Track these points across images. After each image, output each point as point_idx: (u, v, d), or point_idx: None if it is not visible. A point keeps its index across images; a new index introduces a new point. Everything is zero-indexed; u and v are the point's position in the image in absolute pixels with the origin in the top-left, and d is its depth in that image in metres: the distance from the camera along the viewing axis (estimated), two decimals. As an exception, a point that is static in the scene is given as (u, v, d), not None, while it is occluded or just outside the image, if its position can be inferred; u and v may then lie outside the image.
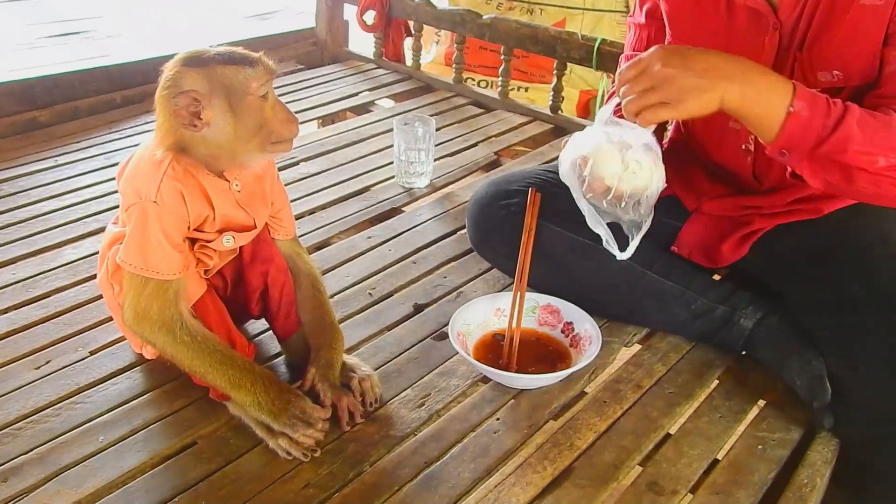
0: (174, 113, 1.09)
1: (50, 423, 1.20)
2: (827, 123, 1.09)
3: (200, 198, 1.15)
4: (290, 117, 1.15)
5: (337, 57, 3.08)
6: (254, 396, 1.14)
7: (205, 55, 1.11)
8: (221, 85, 1.09)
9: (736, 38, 1.30)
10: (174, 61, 1.11)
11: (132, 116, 2.45)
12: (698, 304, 1.40)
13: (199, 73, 1.09)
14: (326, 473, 1.12)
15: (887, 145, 1.10)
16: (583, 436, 1.21)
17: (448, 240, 1.78)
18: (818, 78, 1.23)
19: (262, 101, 1.11)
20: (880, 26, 1.17)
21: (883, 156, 1.10)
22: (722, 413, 1.28)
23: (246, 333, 1.39)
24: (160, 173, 1.12)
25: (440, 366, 1.36)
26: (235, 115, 1.10)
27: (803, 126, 1.10)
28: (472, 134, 2.40)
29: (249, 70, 1.10)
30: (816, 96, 1.11)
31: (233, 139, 1.11)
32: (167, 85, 1.10)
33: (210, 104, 1.09)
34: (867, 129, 1.09)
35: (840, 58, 1.21)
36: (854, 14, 1.18)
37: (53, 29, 3.14)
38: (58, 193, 1.95)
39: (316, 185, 2.04)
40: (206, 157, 1.14)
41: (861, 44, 1.19)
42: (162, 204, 1.12)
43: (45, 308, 1.49)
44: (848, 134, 1.09)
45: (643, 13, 1.48)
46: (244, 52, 1.13)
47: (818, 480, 1.16)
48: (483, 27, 2.59)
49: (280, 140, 1.14)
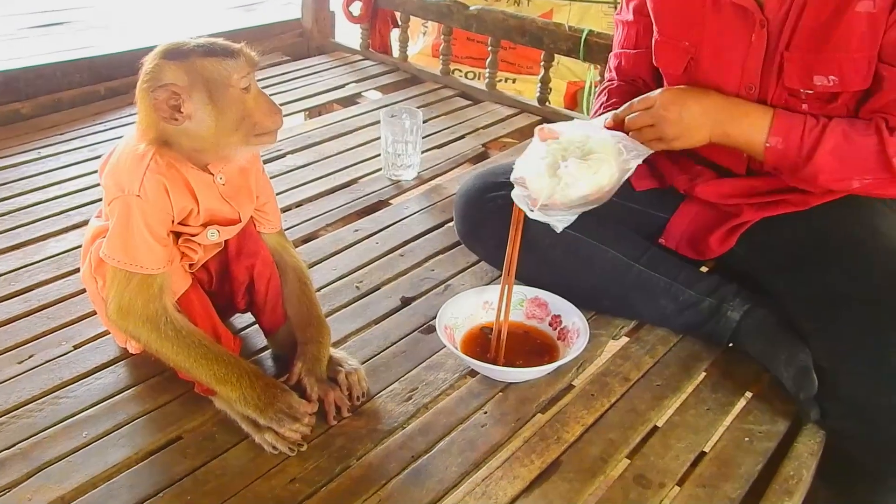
0: (154, 106, 1.07)
1: (33, 418, 1.19)
2: (800, 154, 1.23)
3: (184, 191, 1.14)
4: (274, 108, 1.13)
5: (323, 48, 3.06)
6: (240, 391, 1.13)
7: (185, 47, 1.09)
8: (201, 78, 1.07)
9: (723, 34, 1.30)
10: (154, 54, 1.10)
11: (116, 108, 2.43)
12: (686, 297, 1.40)
13: (179, 65, 1.07)
14: (313, 468, 1.12)
15: (862, 169, 1.22)
16: (570, 429, 1.21)
17: (435, 233, 1.78)
18: (814, 82, 1.24)
19: (243, 92, 1.10)
20: (875, 34, 1.18)
21: (857, 179, 1.23)
22: (709, 405, 1.28)
23: (232, 327, 1.38)
24: (143, 167, 1.10)
25: (427, 359, 1.35)
26: (216, 107, 1.08)
27: (780, 157, 1.26)
28: (459, 126, 2.40)
29: (230, 62, 1.08)
30: (792, 129, 1.22)
31: (214, 132, 1.10)
32: (147, 78, 1.08)
33: (190, 97, 1.07)
34: (842, 157, 1.21)
35: (836, 63, 1.21)
36: (849, 20, 1.18)
37: (37, 20, 3.11)
38: (41, 186, 1.93)
39: (302, 177, 2.02)
40: (190, 150, 1.12)
41: (856, 51, 1.20)
42: (145, 198, 1.10)
43: (28, 302, 1.47)
44: (819, 166, 1.23)
45: (630, 10, 1.48)
46: (225, 43, 1.11)
47: (804, 472, 1.17)
48: (470, 18, 2.58)
49: (264, 132, 1.13)
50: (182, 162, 1.13)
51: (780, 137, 1.23)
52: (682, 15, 1.35)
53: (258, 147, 1.18)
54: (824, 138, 1.21)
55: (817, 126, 1.22)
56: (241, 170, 1.20)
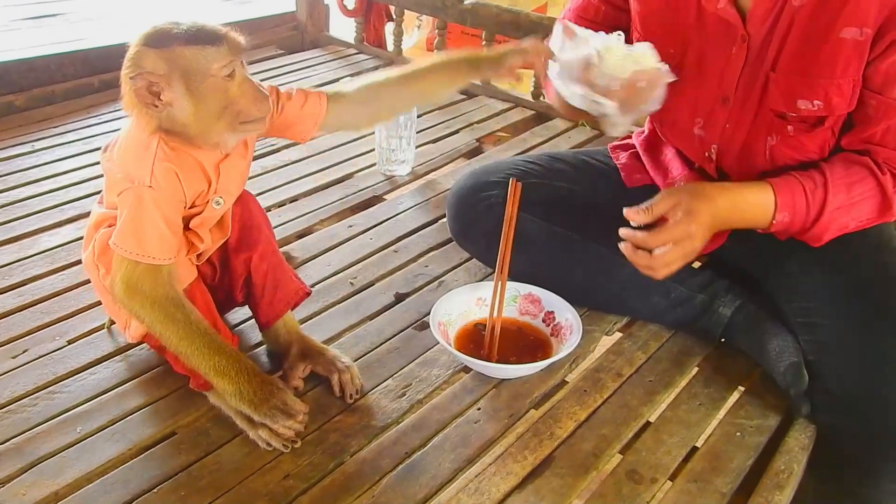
0: (135, 93, 1.07)
1: (27, 413, 1.19)
2: (807, 220, 1.24)
3: (197, 172, 1.13)
4: (259, 95, 1.11)
5: (317, 42, 3.05)
6: (236, 385, 1.13)
7: (168, 33, 1.06)
8: (180, 67, 1.05)
9: (705, 45, 1.31)
10: (137, 38, 1.07)
11: (110, 101, 2.41)
12: (678, 293, 1.41)
13: (159, 53, 1.05)
14: (307, 464, 1.12)
15: (859, 215, 1.24)
16: (563, 425, 1.22)
17: (429, 228, 1.78)
18: (798, 106, 1.24)
19: (226, 80, 1.07)
20: (860, 60, 1.18)
21: (854, 221, 1.25)
22: (701, 401, 1.29)
23: (228, 322, 1.38)
24: (151, 156, 1.09)
25: (421, 355, 1.36)
26: (195, 96, 1.06)
27: (786, 227, 1.25)
28: (453, 120, 2.40)
29: (212, 50, 1.06)
30: (796, 200, 1.22)
31: (196, 120, 1.08)
32: (128, 65, 1.07)
33: (169, 86, 1.05)
34: (843, 213, 1.23)
35: (821, 88, 1.22)
36: (833, 45, 1.18)
37: (30, 11, 3.09)
38: (35, 179, 1.93)
39: (297, 172, 2.02)
40: (184, 134, 1.11)
41: (841, 77, 1.20)
42: (157, 187, 1.09)
43: (22, 296, 1.47)
44: (825, 225, 1.23)
45: None
46: (210, 28, 1.08)
47: (795, 467, 1.18)
48: (464, 13, 2.58)
49: (249, 119, 1.11)
50: (186, 144, 1.11)
51: (786, 212, 1.23)
52: (668, 22, 1.35)
53: (246, 134, 1.16)
54: (828, 198, 1.21)
55: (818, 188, 1.22)
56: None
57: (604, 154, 1.64)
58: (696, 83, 1.34)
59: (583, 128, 2.39)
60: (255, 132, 1.17)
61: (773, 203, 1.23)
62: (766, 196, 1.23)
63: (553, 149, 2.19)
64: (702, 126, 1.38)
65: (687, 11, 1.32)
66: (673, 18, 1.34)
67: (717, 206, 1.22)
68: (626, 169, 1.58)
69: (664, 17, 1.36)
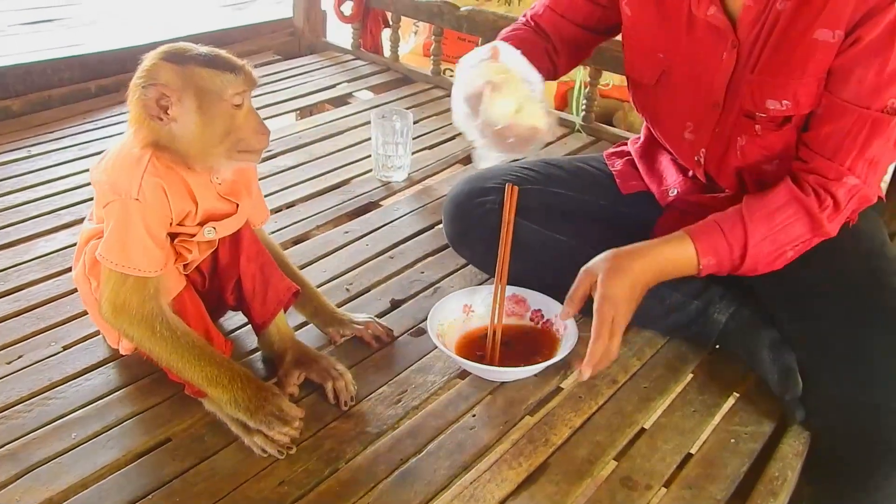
0: (143, 103, 1.08)
1: (22, 419, 1.19)
2: (734, 259, 1.23)
3: (183, 193, 1.14)
4: (262, 128, 1.14)
5: (314, 48, 3.06)
6: (231, 393, 1.14)
7: (187, 52, 1.09)
8: (195, 85, 1.08)
9: (696, 51, 1.32)
10: (155, 53, 1.10)
11: (107, 106, 2.42)
12: (672, 299, 1.41)
13: (175, 69, 1.08)
14: (302, 470, 1.12)
15: (790, 241, 1.22)
16: (558, 431, 1.22)
17: (425, 234, 1.78)
18: (767, 106, 1.25)
19: (235, 108, 1.10)
20: (828, 62, 1.19)
21: (791, 249, 1.24)
22: (695, 407, 1.29)
23: (222, 330, 1.38)
24: (140, 170, 1.10)
25: (417, 362, 1.36)
26: (203, 117, 1.09)
27: (717, 269, 1.25)
28: (450, 127, 2.39)
29: (229, 76, 1.09)
30: (717, 243, 1.22)
31: (198, 140, 1.10)
32: (141, 75, 1.09)
33: (179, 101, 1.08)
34: (769, 243, 1.22)
35: (790, 88, 1.23)
36: (806, 46, 1.20)
37: (27, 16, 3.09)
38: (31, 185, 1.93)
39: (293, 178, 2.03)
40: (177, 153, 1.12)
41: (809, 76, 1.21)
42: (144, 201, 1.11)
43: (17, 302, 1.47)
44: (755, 261, 1.23)
45: None
46: (228, 57, 1.11)
47: (789, 473, 1.18)
48: (461, 19, 2.58)
49: (248, 149, 1.14)
50: (178, 164, 1.13)
51: (710, 257, 1.23)
52: (659, 27, 1.36)
53: (240, 163, 1.18)
54: (749, 233, 1.21)
55: (736, 225, 1.22)
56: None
57: (599, 161, 1.64)
58: (686, 89, 1.35)
59: (578, 134, 2.40)
60: (249, 164, 1.20)
61: (693, 251, 1.23)
62: (685, 247, 1.23)
63: (548, 155, 2.19)
64: (692, 130, 1.39)
65: (678, 18, 1.33)
66: (664, 25, 1.35)
67: (634, 274, 1.21)
68: (621, 176, 1.58)
69: (655, 23, 1.37)
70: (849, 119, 1.18)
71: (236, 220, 1.23)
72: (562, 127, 2.42)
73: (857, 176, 1.20)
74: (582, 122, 2.42)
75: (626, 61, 1.47)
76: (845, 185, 1.20)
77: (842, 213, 1.22)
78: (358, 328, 1.39)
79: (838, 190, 1.20)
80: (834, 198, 1.20)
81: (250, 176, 1.26)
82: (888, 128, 1.17)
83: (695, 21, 1.31)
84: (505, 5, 3.36)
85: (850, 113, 1.18)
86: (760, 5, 1.23)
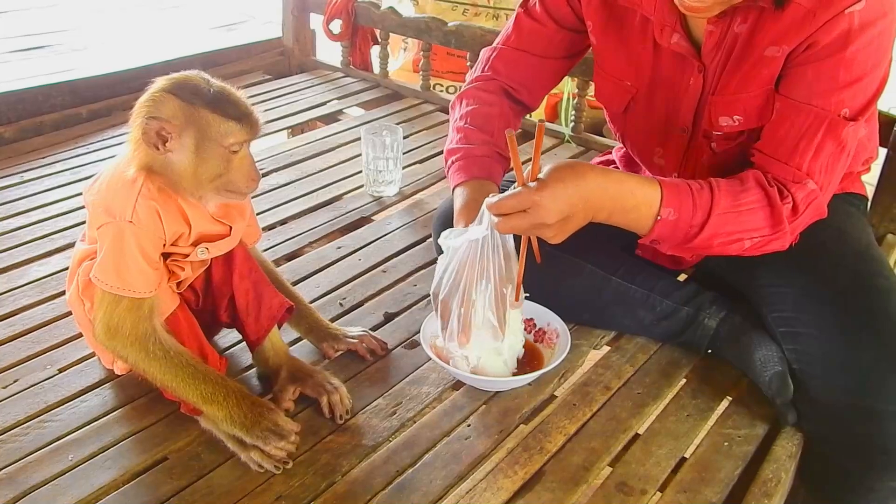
0: (143, 131, 1.09)
1: (18, 443, 1.19)
2: (693, 223, 1.18)
3: (177, 215, 1.16)
4: (253, 175, 1.16)
5: (304, 66, 3.08)
6: (226, 410, 1.14)
7: (198, 89, 1.10)
8: (197, 126, 1.09)
9: (663, 78, 1.34)
10: (167, 81, 1.11)
11: (98, 131, 2.43)
12: (663, 307, 1.42)
13: (182, 106, 1.09)
14: (298, 485, 1.13)
15: (750, 228, 1.20)
16: (553, 439, 1.23)
17: (418, 248, 1.79)
18: (720, 123, 1.27)
19: (232, 153, 1.12)
20: (773, 74, 1.22)
21: (748, 238, 1.21)
22: (689, 412, 1.30)
23: (217, 347, 1.39)
24: (135, 193, 1.12)
25: (411, 374, 1.36)
26: (199, 157, 1.10)
27: (671, 228, 1.19)
28: (439, 140, 2.41)
29: (232, 125, 1.10)
30: (682, 198, 1.17)
31: (190, 176, 1.12)
32: (147, 104, 1.10)
33: (179, 137, 1.09)
34: (731, 219, 1.18)
35: (740, 103, 1.25)
36: (755, 63, 1.22)
37: (18, 43, 3.11)
38: (24, 210, 1.94)
39: (285, 195, 2.04)
40: (170, 181, 1.14)
41: (757, 89, 1.23)
42: (138, 223, 1.12)
43: (12, 326, 1.48)
44: (713, 232, 1.18)
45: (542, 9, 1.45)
46: (238, 101, 1.12)
47: (783, 475, 1.18)
48: (449, 34, 2.60)
49: (236, 190, 1.16)
50: (169, 189, 1.14)
51: (671, 209, 1.17)
52: (625, 55, 1.38)
53: (227, 200, 1.20)
54: (714, 200, 1.17)
55: (704, 189, 1.18)
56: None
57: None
58: (654, 115, 1.37)
59: (568, 144, 2.42)
60: (236, 201, 1.21)
61: (658, 196, 1.16)
62: (652, 188, 1.16)
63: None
64: (661, 155, 1.41)
65: (643, 48, 1.35)
66: (630, 53, 1.37)
67: (588, 185, 1.11)
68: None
69: (619, 51, 1.39)
70: (804, 118, 1.19)
71: (229, 242, 1.24)
72: (552, 137, 2.44)
73: (815, 181, 1.20)
74: (571, 132, 2.44)
75: (596, 89, 1.49)
76: (804, 189, 1.20)
77: (799, 218, 1.21)
78: (352, 342, 1.39)
79: (798, 192, 1.20)
80: (794, 199, 1.20)
81: (245, 201, 1.27)
82: (842, 133, 1.18)
83: (660, 50, 1.33)
84: (493, 20, 3.39)
85: (806, 112, 1.19)
86: (721, 29, 1.24)
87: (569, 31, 1.46)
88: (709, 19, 1.23)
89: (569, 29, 1.46)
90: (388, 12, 2.77)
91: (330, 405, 1.25)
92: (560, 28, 1.46)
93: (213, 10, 3.66)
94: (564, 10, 1.44)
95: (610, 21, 1.38)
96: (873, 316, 1.23)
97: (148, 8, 3.71)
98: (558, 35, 1.47)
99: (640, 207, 1.17)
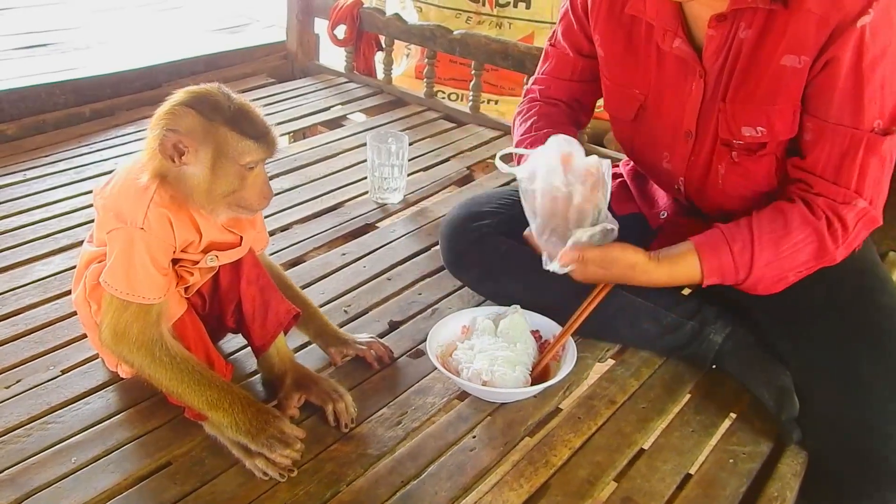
0: (160, 142, 1.09)
1: (21, 444, 1.19)
2: (738, 278, 1.26)
3: (188, 224, 1.16)
4: (266, 193, 1.17)
5: (307, 71, 3.08)
6: (231, 417, 1.14)
7: (218, 105, 1.10)
8: (216, 143, 1.09)
9: (666, 83, 1.35)
10: (187, 94, 1.11)
11: (101, 130, 2.43)
12: (668, 320, 1.42)
13: (201, 122, 1.09)
14: (303, 493, 1.12)
15: (794, 266, 1.24)
16: (558, 452, 1.22)
17: (422, 256, 1.79)
18: (742, 133, 1.27)
19: (247, 171, 1.12)
20: (799, 85, 1.21)
21: (793, 273, 1.26)
22: (693, 427, 1.30)
23: (222, 352, 1.38)
24: (147, 200, 1.12)
25: (416, 383, 1.36)
26: (214, 173, 1.11)
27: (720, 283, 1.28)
28: (444, 149, 2.42)
29: (250, 144, 1.10)
30: (724, 265, 1.25)
31: (203, 190, 1.12)
32: (166, 115, 1.09)
33: (196, 152, 1.09)
34: (774, 265, 1.24)
35: (764, 115, 1.25)
36: (774, 73, 1.22)
37: (21, 41, 3.09)
38: (27, 208, 1.93)
39: (289, 200, 2.03)
40: (183, 192, 1.14)
41: (782, 103, 1.23)
42: (149, 230, 1.12)
43: (15, 326, 1.47)
44: (757, 278, 1.25)
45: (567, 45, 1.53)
46: (256, 119, 1.12)
47: (788, 493, 1.19)
48: (453, 42, 2.61)
49: (247, 207, 1.16)
50: (180, 199, 1.14)
51: (714, 277, 1.26)
52: (631, 65, 1.40)
53: (237, 215, 1.20)
54: (755, 257, 1.23)
55: (745, 250, 1.24)
56: None
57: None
58: (661, 120, 1.38)
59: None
60: (246, 216, 1.22)
61: (699, 272, 1.26)
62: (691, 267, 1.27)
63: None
64: (668, 160, 1.41)
65: (647, 54, 1.36)
66: (635, 61, 1.39)
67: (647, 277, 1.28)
68: (614, 197, 1.59)
69: (626, 60, 1.40)
70: (842, 140, 1.20)
71: (239, 251, 1.24)
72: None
73: (864, 198, 1.21)
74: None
75: (605, 100, 1.51)
76: (855, 209, 1.21)
77: (849, 238, 1.23)
78: (361, 348, 1.39)
79: (848, 213, 1.21)
80: (843, 221, 1.21)
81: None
82: (882, 148, 1.19)
83: (663, 55, 1.34)
84: (496, 28, 3.39)
85: (842, 134, 1.20)
86: (723, 34, 1.25)
87: (586, 58, 1.51)
88: (710, 24, 1.24)
89: (585, 56, 1.51)
90: (392, 19, 2.78)
91: (335, 413, 1.24)
92: (580, 57, 1.52)
93: (215, 13, 3.65)
94: (578, 37, 1.49)
95: (618, 32, 1.40)
96: (876, 333, 1.24)
97: (149, 9, 3.70)
98: (580, 63, 1.53)
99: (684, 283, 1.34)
